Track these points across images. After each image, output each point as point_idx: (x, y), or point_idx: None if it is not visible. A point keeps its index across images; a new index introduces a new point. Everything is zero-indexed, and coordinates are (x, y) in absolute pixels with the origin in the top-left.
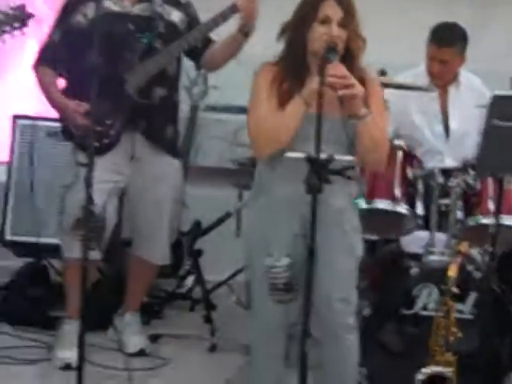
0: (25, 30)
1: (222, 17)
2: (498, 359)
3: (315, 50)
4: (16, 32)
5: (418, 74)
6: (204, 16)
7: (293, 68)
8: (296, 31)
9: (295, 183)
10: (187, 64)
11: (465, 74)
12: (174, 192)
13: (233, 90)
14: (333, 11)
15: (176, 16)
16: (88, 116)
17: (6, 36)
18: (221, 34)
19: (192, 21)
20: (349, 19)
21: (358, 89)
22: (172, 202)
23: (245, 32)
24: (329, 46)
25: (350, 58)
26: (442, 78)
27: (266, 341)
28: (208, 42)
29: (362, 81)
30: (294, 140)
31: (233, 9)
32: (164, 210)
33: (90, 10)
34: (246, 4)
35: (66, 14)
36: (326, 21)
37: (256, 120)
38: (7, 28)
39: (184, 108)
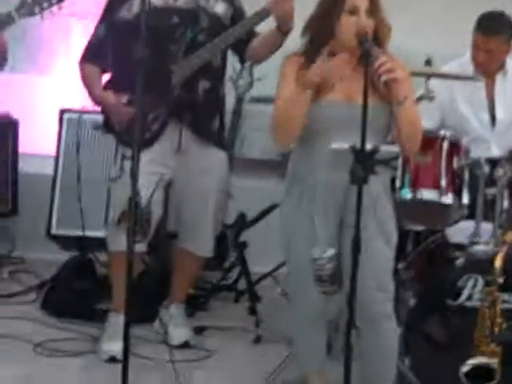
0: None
1: (263, 14)
2: None
3: (345, 41)
4: (54, 8)
5: (464, 63)
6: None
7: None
8: (323, 23)
9: (334, 171)
10: (233, 56)
11: (511, 62)
12: (219, 184)
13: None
14: (360, 1)
15: (220, 8)
16: (130, 106)
17: (46, 14)
18: (264, 28)
19: (237, 12)
20: (374, 8)
21: (400, 73)
22: (217, 193)
23: (283, 30)
24: (361, 36)
25: (378, 46)
26: (488, 67)
27: (308, 332)
28: (252, 35)
29: None
30: (327, 128)
31: (265, 11)
32: (209, 202)
33: (134, 5)
34: (278, 6)
35: (110, 9)
36: (354, 11)
37: (275, 104)
38: (45, 4)
39: (229, 100)
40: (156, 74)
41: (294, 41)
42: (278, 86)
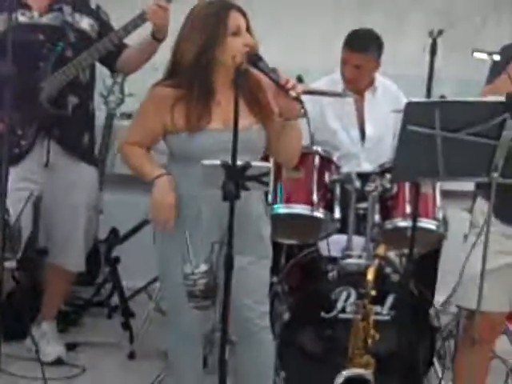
0: None
1: (133, 25)
2: (416, 360)
3: (228, 63)
4: None
5: (334, 80)
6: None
7: (200, 90)
8: (206, 50)
9: (213, 190)
10: (103, 72)
11: (381, 80)
12: (89, 199)
13: None
14: (240, 20)
15: (86, 23)
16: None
17: None
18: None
19: (103, 26)
20: (248, 25)
21: (300, 87)
22: (87, 208)
23: (157, 38)
24: (251, 55)
25: None
26: (357, 83)
27: (183, 348)
28: (121, 46)
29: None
30: (205, 155)
31: (142, 17)
32: (79, 217)
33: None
34: (155, 12)
35: None
36: (237, 32)
37: (123, 142)
38: None
39: (100, 116)
40: (23, 91)
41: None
42: (135, 117)
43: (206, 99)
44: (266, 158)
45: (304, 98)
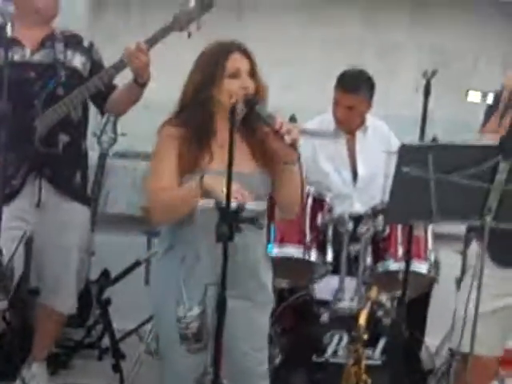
0: None
1: (119, 66)
2: None
3: (227, 105)
4: None
5: (325, 120)
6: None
7: (199, 129)
8: (203, 89)
9: (210, 234)
10: (96, 110)
11: (372, 119)
12: (81, 240)
13: (141, 136)
14: (241, 63)
15: (78, 61)
16: None
17: None
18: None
19: (95, 65)
20: (254, 69)
21: (296, 133)
22: (79, 250)
23: (139, 82)
24: (247, 98)
25: None
26: (348, 123)
27: None
28: (111, 87)
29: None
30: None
31: (123, 63)
32: (71, 259)
33: None
34: (132, 56)
35: None
36: (236, 74)
37: (155, 190)
38: None
39: (93, 155)
40: (19, 129)
41: (159, 94)
42: (154, 159)
43: (205, 138)
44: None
45: None
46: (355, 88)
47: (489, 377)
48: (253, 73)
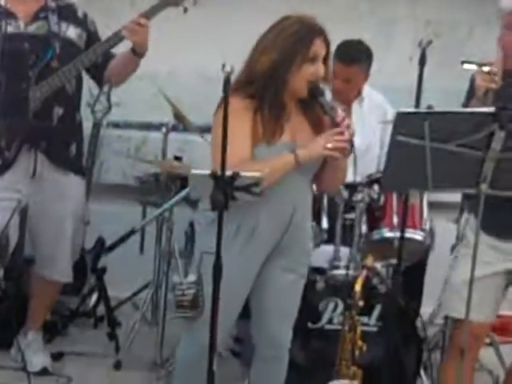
0: None
1: (114, 40)
2: (402, 370)
3: (298, 90)
4: None
5: None
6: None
7: (273, 103)
8: (280, 69)
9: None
10: (90, 81)
11: (367, 90)
12: (76, 209)
13: (135, 106)
14: (321, 48)
15: (73, 32)
16: None
17: None
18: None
19: (91, 36)
20: (329, 55)
21: (353, 128)
22: (74, 219)
23: (137, 53)
24: (314, 86)
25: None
26: (346, 95)
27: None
28: (108, 58)
29: None
30: None
31: (119, 35)
32: (66, 228)
33: None
34: (132, 31)
35: None
36: (314, 59)
37: (239, 162)
38: None
39: (87, 125)
40: (12, 100)
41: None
42: (230, 136)
43: (277, 113)
44: None
45: None
46: (353, 60)
47: (480, 343)
48: (326, 58)
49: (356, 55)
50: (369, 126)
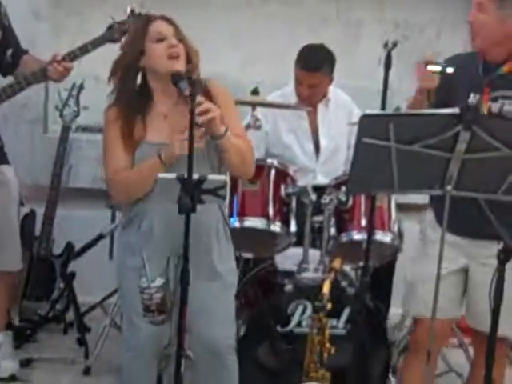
0: None
1: (35, 78)
2: (371, 374)
3: (157, 70)
4: None
5: (287, 93)
6: None
7: (130, 103)
8: (131, 63)
9: (170, 204)
10: (58, 85)
11: (334, 91)
12: (15, 195)
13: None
14: (164, 28)
15: None
16: None
17: None
18: None
19: (5, 30)
20: (180, 34)
21: (215, 111)
22: (16, 205)
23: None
24: (173, 73)
25: (192, 69)
26: (311, 100)
27: (138, 366)
28: (20, 54)
29: (209, 93)
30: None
31: (45, 73)
32: (11, 216)
33: None
34: (57, 73)
35: None
36: (161, 38)
37: (112, 173)
38: None
39: (56, 129)
40: None
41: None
42: (104, 142)
43: (139, 111)
44: None
45: (260, 111)
46: (317, 68)
47: (442, 340)
48: (180, 38)
49: (319, 63)
50: (336, 127)
